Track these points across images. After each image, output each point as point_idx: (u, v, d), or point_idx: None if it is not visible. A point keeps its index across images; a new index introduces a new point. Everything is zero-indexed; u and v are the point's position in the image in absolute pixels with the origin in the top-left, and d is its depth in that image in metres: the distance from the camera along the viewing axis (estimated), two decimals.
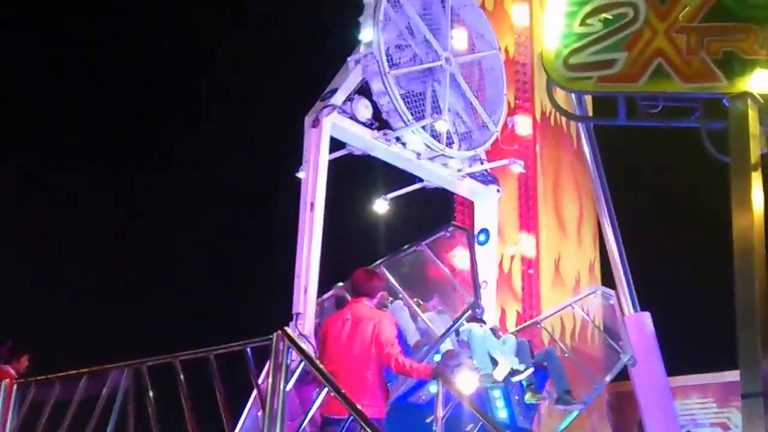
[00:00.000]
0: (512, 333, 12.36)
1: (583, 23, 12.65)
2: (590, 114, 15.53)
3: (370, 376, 8.48)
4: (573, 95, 14.50)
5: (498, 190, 13.36)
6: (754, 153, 11.87)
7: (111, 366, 9.22)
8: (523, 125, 15.86)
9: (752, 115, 11.90)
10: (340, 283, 10.98)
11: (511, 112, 15.99)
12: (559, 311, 14.10)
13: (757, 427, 11.03)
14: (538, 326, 13.70)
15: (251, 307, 18.75)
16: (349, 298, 9.91)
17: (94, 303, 20.29)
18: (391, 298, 10.69)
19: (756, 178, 11.80)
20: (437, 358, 10.23)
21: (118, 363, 9.18)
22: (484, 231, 13.18)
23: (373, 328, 8.56)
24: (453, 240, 12.10)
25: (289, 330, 8.47)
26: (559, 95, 14.22)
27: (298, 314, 10.20)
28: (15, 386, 10.11)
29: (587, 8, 12.69)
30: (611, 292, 13.67)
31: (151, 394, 8.82)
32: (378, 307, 9.27)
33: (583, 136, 15.71)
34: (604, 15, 12.62)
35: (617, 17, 12.54)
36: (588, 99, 15.32)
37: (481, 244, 13.08)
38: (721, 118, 12.19)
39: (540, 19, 14.77)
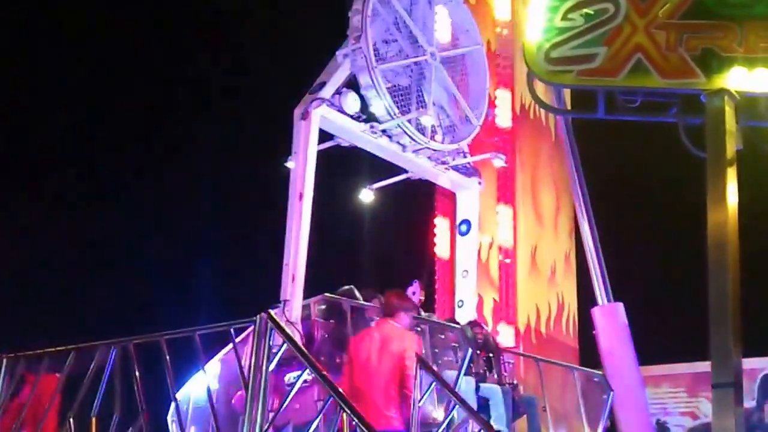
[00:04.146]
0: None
1: (564, 18, 12.75)
2: (568, 107, 15.70)
3: (395, 391, 8.92)
4: (553, 89, 14.65)
5: (479, 183, 13.60)
6: (730, 149, 11.97)
7: (98, 342, 9.30)
8: (503, 117, 16.05)
9: (729, 112, 12.01)
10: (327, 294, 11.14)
11: (491, 104, 16.20)
12: None
13: (727, 417, 11.19)
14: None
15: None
16: (345, 307, 10.63)
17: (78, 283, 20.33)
18: None
19: (731, 174, 11.88)
20: None
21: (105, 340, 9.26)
22: (466, 222, 13.47)
23: (401, 347, 9.01)
24: None
25: (273, 312, 8.64)
26: (539, 89, 14.36)
27: (285, 301, 10.42)
28: (4, 360, 10.22)
29: (569, 3, 12.78)
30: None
31: (137, 371, 8.89)
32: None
33: (562, 129, 15.87)
34: (585, 10, 12.69)
35: (598, 12, 12.63)
36: (567, 93, 15.48)
37: (463, 234, 13.40)
38: (698, 114, 12.26)
39: (522, 13, 14.90)
